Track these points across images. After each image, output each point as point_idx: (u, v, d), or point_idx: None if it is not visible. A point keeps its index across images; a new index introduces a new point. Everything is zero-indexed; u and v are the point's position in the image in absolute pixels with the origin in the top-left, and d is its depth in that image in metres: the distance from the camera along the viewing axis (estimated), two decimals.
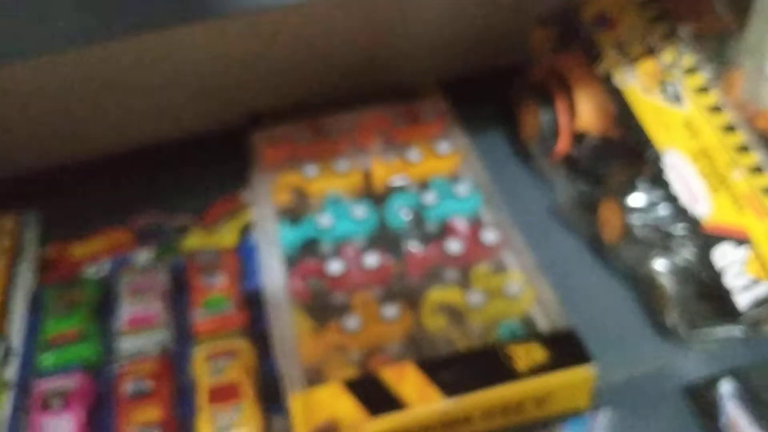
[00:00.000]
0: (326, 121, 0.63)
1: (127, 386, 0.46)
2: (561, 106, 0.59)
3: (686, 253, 0.50)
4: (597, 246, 0.56)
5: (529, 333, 0.46)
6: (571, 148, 0.60)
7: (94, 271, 0.58)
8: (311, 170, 0.58)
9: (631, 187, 0.52)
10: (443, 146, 0.60)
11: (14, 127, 0.66)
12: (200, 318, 0.50)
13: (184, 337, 0.50)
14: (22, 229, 0.62)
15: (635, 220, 0.51)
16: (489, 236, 0.52)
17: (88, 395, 0.46)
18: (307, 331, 0.47)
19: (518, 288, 0.49)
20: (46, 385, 0.47)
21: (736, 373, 0.49)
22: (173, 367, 0.48)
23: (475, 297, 0.48)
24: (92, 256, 0.59)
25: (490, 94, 0.68)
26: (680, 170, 0.50)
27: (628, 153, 0.56)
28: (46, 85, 0.64)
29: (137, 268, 0.55)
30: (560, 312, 0.47)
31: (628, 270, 0.53)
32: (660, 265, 0.50)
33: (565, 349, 0.44)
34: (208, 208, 0.62)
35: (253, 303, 0.52)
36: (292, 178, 0.58)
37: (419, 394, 0.42)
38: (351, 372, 0.45)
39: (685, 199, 0.50)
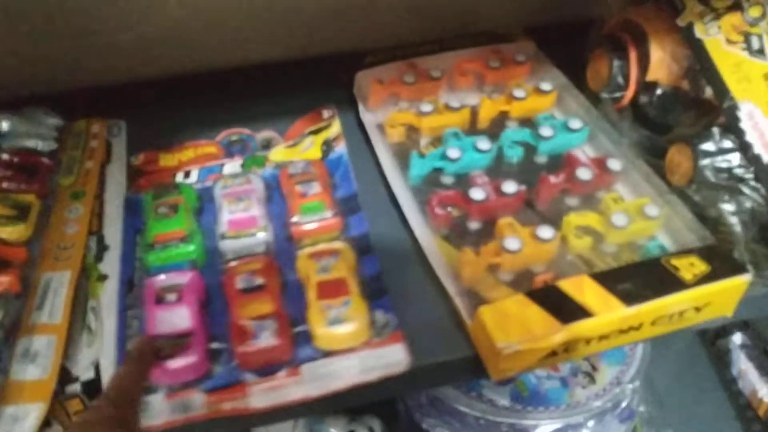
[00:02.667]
0: (425, 61, 0.66)
1: (239, 282, 0.49)
2: (633, 56, 0.62)
3: (756, 197, 0.53)
4: None
5: (682, 249, 0.50)
6: (639, 96, 0.64)
7: (185, 178, 0.60)
8: (425, 107, 0.60)
9: (703, 134, 0.55)
10: (545, 84, 0.63)
11: (117, 41, 0.67)
12: (298, 222, 0.53)
13: (283, 239, 0.53)
14: (110, 135, 0.64)
15: (707, 164, 0.55)
16: (614, 164, 0.56)
17: (198, 290, 0.49)
18: (455, 254, 0.50)
19: (656, 209, 0.52)
20: (158, 281, 0.49)
21: (749, 326, 0.53)
22: (278, 266, 0.51)
23: (619, 219, 0.51)
24: (181, 165, 0.62)
25: (564, 43, 0.71)
26: (756, 121, 0.54)
27: (699, 103, 0.59)
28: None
29: (232, 176, 0.58)
30: (699, 229, 0.51)
31: (695, 212, 0.57)
32: (729, 207, 0.54)
33: (721, 261, 0.47)
34: (291, 125, 0.65)
35: (344, 210, 0.55)
36: (404, 115, 0.61)
37: (603, 304, 0.44)
38: (505, 292, 0.48)
39: (758, 148, 0.53)
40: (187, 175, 0.60)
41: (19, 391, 0.44)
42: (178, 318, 0.47)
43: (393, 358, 0.47)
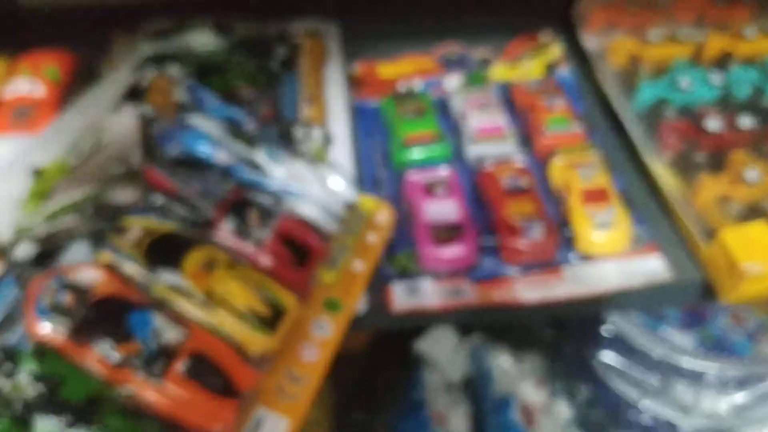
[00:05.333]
0: None
1: (504, 183, 0.51)
2: None
3: None
4: None
5: None
6: None
7: (407, 87, 0.62)
8: (653, 36, 0.60)
9: None
10: None
11: None
12: (546, 134, 0.54)
13: (528, 147, 0.55)
14: (324, 37, 0.66)
15: None
16: None
17: (459, 185, 0.51)
18: (682, 181, 0.51)
19: None
20: (422, 175, 0.51)
21: None
22: (530, 172, 0.53)
23: None
24: (401, 76, 0.63)
25: None
26: None
27: None
28: None
29: (467, 88, 0.59)
30: None
31: None
32: None
33: None
34: (507, 44, 0.65)
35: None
36: (627, 43, 0.61)
37: None
38: (731, 223, 0.48)
39: None
40: (408, 87, 0.61)
41: None
42: (449, 209, 0.49)
43: (653, 267, 0.48)
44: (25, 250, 0.39)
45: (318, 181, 0.47)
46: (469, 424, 0.73)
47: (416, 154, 0.53)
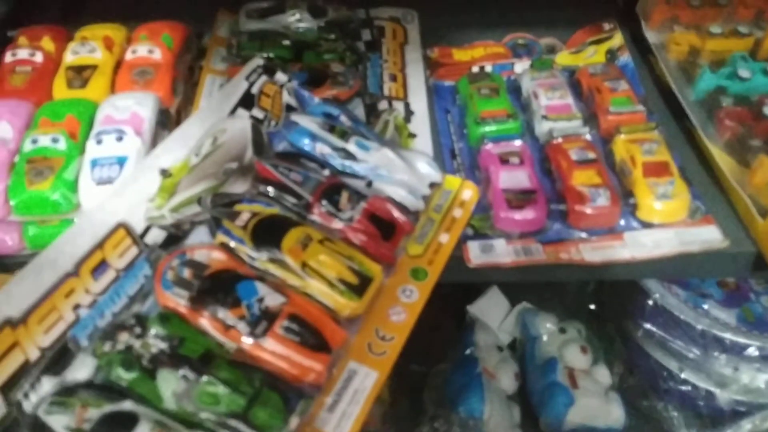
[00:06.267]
0: None
1: (573, 154, 0.55)
2: None
3: None
4: None
5: None
6: None
7: (481, 70, 0.67)
8: (714, 29, 0.64)
9: None
10: None
11: None
12: (611, 112, 0.59)
13: (592, 125, 0.59)
14: (404, 21, 0.71)
15: None
16: None
17: (530, 156, 0.56)
18: (736, 163, 0.55)
19: None
20: (498, 147, 0.56)
21: None
22: (595, 147, 0.57)
23: None
24: (474, 61, 0.68)
25: None
26: None
27: None
28: None
29: (538, 71, 0.64)
30: None
31: None
32: None
33: None
34: (573, 33, 0.70)
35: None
36: (687, 36, 0.65)
37: None
38: None
39: None
40: (481, 69, 0.67)
41: None
42: (522, 177, 0.54)
43: (709, 236, 0.53)
44: (155, 236, 0.46)
45: (405, 165, 0.52)
46: (517, 382, 0.78)
47: (491, 128, 0.59)
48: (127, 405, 0.38)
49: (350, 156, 0.51)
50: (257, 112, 0.54)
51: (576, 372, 0.77)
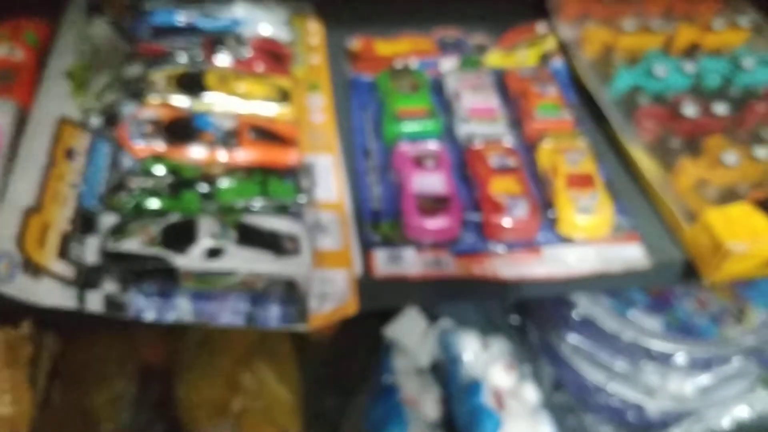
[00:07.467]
0: None
1: (492, 161, 0.51)
2: None
3: None
4: None
5: None
6: None
7: (403, 64, 0.62)
8: (628, 26, 0.62)
9: None
10: (741, 20, 0.64)
11: None
12: (537, 119, 0.55)
13: (517, 131, 0.56)
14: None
15: None
16: None
17: (448, 160, 0.52)
18: (658, 166, 0.53)
19: None
20: (413, 148, 0.52)
21: None
22: (518, 154, 0.54)
23: None
24: (398, 54, 0.64)
25: None
26: None
27: None
28: None
29: (462, 70, 0.60)
30: None
31: None
32: None
33: None
34: (505, 32, 0.66)
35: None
36: (600, 32, 0.62)
37: None
38: (710, 205, 0.49)
39: None
40: (404, 65, 0.62)
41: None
42: (436, 182, 0.50)
43: (631, 254, 0.49)
44: (96, 120, 0.51)
45: (263, 11, 0.62)
46: (441, 408, 0.74)
47: (407, 127, 0.54)
48: (174, 217, 0.45)
49: (213, 16, 0.60)
50: (109, 17, 0.58)
51: (502, 392, 0.73)
